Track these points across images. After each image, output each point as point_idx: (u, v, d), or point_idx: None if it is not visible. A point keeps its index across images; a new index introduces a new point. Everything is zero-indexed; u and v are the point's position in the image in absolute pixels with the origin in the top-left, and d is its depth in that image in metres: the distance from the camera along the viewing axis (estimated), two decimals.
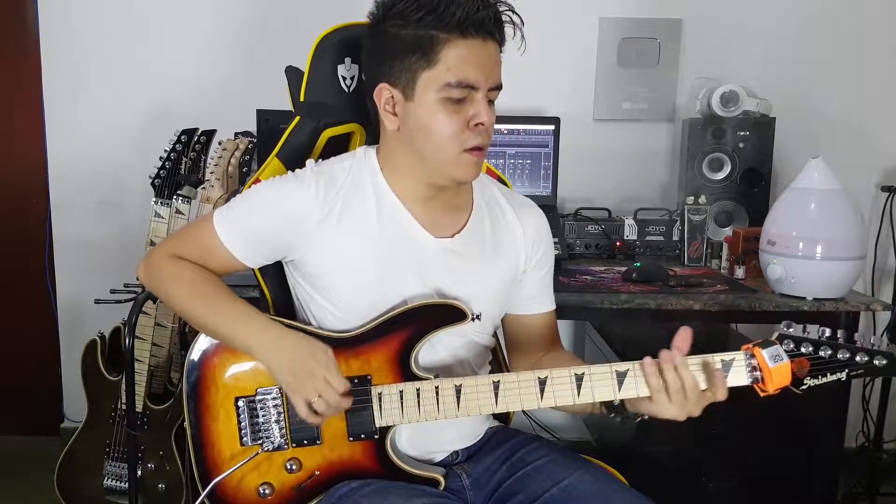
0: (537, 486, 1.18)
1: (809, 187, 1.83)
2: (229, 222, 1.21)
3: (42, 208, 2.60)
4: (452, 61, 1.11)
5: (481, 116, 1.14)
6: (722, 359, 1.09)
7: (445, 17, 1.10)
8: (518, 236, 1.30)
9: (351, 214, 1.19)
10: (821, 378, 1.08)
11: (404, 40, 1.13)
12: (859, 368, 1.08)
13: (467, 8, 1.10)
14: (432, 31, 1.11)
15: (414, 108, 1.15)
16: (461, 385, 1.14)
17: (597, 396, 1.11)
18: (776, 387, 1.08)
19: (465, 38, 1.11)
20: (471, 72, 1.12)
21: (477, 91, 1.13)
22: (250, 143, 2.14)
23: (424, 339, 1.18)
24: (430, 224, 1.22)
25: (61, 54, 2.51)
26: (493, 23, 1.13)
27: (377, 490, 1.13)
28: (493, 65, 1.15)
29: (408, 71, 1.14)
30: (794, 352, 1.08)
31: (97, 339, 2.12)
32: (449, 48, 1.11)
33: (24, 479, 2.44)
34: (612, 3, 2.49)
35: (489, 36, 1.13)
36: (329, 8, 2.36)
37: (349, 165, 1.23)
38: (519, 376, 1.13)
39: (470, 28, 1.10)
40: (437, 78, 1.12)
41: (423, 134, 1.15)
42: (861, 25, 2.49)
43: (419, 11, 1.11)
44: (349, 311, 1.20)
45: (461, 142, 1.14)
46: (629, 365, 1.11)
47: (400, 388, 1.15)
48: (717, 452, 1.97)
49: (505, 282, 1.28)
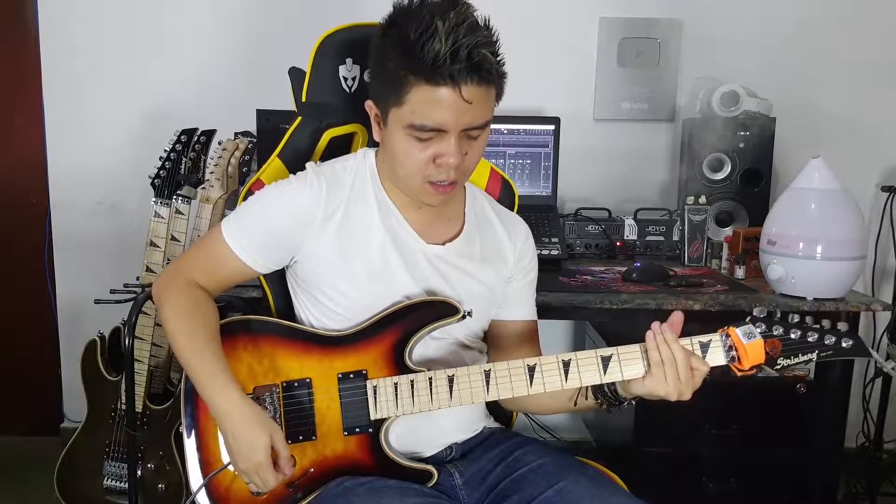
0: (532, 488, 1.18)
1: (809, 187, 1.83)
2: (237, 229, 1.23)
3: (42, 208, 2.60)
4: (417, 105, 1.10)
5: (448, 158, 1.13)
6: (700, 340, 1.15)
7: (416, 60, 1.08)
8: (507, 247, 1.34)
9: (353, 216, 1.22)
10: (793, 358, 1.14)
11: (383, 71, 1.14)
12: (828, 350, 1.13)
13: (439, 55, 1.06)
14: (403, 70, 1.10)
15: (388, 133, 1.18)
16: (454, 375, 1.17)
17: (584, 380, 1.15)
18: (751, 363, 1.13)
19: (432, 85, 1.09)
20: (437, 116, 1.10)
21: (446, 132, 1.12)
22: (250, 143, 2.14)
23: (418, 334, 1.21)
24: (423, 230, 1.26)
25: (61, 54, 2.51)
26: (466, 73, 1.08)
27: (370, 490, 1.14)
28: (464, 110, 1.10)
29: (383, 101, 1.16)
30: (766, 332, 1.14)
31: (97, 339, 2.12)
32: (415, 92, 1.10)
33: (24, 479, 2.44)
34: (612, 3, 2.49)
35: (462, 83, 1.08)
36: (330, 8, 2.38)
37: (352, 166, 1.26)
38: (509, 364, 1.17)
39: (437, 77, 1.08)
40: (402, 117, 1.13)
41: (393, 158, 1.19)
42: (861, 25, 2.49)
43: (394, 48, 1.11)
44: (347, 311, 1.23)
45: (425, 175, 1.16)
46: (612, 350, 1.16)
47: (395, 380, 1.18)
48: (717, 452, 1.97)
49: (493, 288, 1.32)
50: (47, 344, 2.66)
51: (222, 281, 1.26)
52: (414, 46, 1.07)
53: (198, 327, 1.19)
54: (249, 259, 1.22)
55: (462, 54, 1.07)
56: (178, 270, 1.27)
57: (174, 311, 1.21)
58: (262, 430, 1.13)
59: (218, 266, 1.24)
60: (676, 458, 1.97)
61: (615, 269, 2.11)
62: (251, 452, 1.13)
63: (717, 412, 1.93)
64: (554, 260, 2.05)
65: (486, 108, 1.14)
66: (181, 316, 1.20)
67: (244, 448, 1.13)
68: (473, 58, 1.08)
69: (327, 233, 1.21)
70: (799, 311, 1.16)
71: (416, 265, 1.25)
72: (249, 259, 1.22)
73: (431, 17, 1.07)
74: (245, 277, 1.26)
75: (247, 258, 1.22)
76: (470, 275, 1.28)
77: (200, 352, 1.17)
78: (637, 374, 1.14)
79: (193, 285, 1.24)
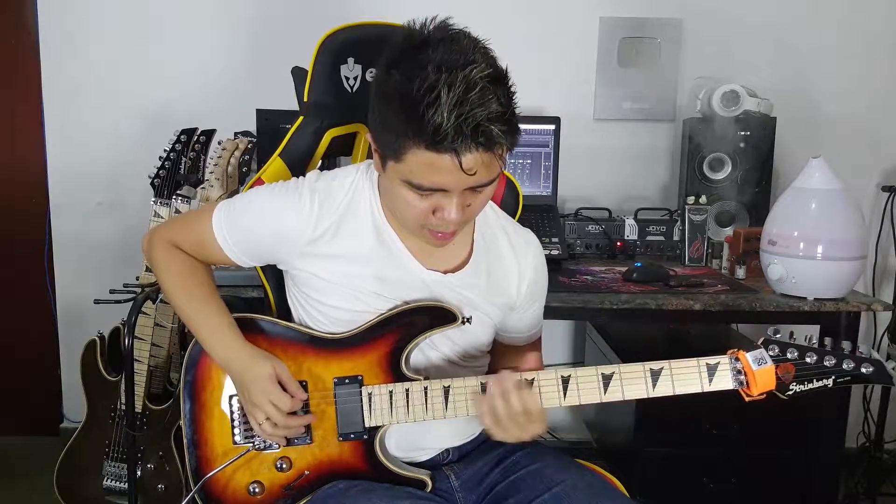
0: (529, 491, 1.17)
1: (810, 187, 1.83)
2: (226, 222, 1.22)
3: (42, 208, 2.60)
4: (416, 167, 1.02)
5: (448, 215, 1.06)
6: (707, 362, 1.10)
7: (416, 124, 0.98)
8: (513, 279, 1.26)
9: (345, 235, 1.18)
10: (806, 384, 1.09)
11: (382, 118, 1.04)
12: (846, 375, 1.08)
13: (440, 128, 0.96)
14: (403, 126, 0.99)
15: (386, 175, 1.10)
16: (449, 386, 1.15)
17: (583, 399, 1.13)
18: (760, 391, 1.09)
19: (432, 152, 0.99)
20: (437, 179, 1.02)
21: (448, 191, 1.05)
22: (250, 143, 2.14)
23: (415, 340, 1.18)
24: (421, 255, 1.20)
25: (61, 54, 2.50)
26: (472, 144, 0.98)
27: (361, 491, 1.13)
28: (460, 175, 1.01)
29: (382, 147, 1.07)
30: (780, 357, 1.09)
31: (97, 339, 2.11)
32: (414, 154, 1.00)
33: (24, 479, 2.43)
34: (612, 3, 2.49)
35: (466, 153, 0.99)
36: (330, 8, 2.38)
37: (350, 183, 1.20)
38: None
39: (438, 146, 0.98)
40: (401, 173, 1.04)
41: (391, 201, 1.14)
42: (861, 25, 2.49)
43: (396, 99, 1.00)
44: (339, 322, 1.21)
45: (423, 224, 1.10)
46: (615, 368, 1.12)
47: (389, 388, 1.17)
48: (717, 452, 1.97)
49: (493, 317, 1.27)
50: (47, 344, 2.66)
51: (205, 259, 1.27)
52: (416, 108, 0.97)
53: (195, 284, 1.23)
54: (233, 255, 1.23)
55: (466, 130, 0.97)
56: (166, 235, 1.28)
57: (168, 271, 1.25)
58: (264, 360, 1.17)
59: (201, 245, 1.25)
60: (676, 458, 1.97)
61: (615, 269, 2.11)
62: (258, 381, 1.15)
63: (717, 412, 1.93)
64: (554, 260, 2.05)
65: (493, 169, 1.05)
66: (175, 274, 1.25)
67: (252, 382, 1.16)
68: (479, 134, 0.98)
69: (316, 251, 1.18)
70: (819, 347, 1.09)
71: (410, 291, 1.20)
72: (233, 255, 1.23)
73: (437, 76, 0.97)
74: (226, 264, 1.27)
75: (230, 254, 1.23)
76: (471, 304, 1.22)
77: (201, 307, 1.22)
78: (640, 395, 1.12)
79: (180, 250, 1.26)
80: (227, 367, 1.20)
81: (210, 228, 1.22)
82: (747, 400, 1.11)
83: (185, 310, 1.23)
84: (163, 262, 1.26)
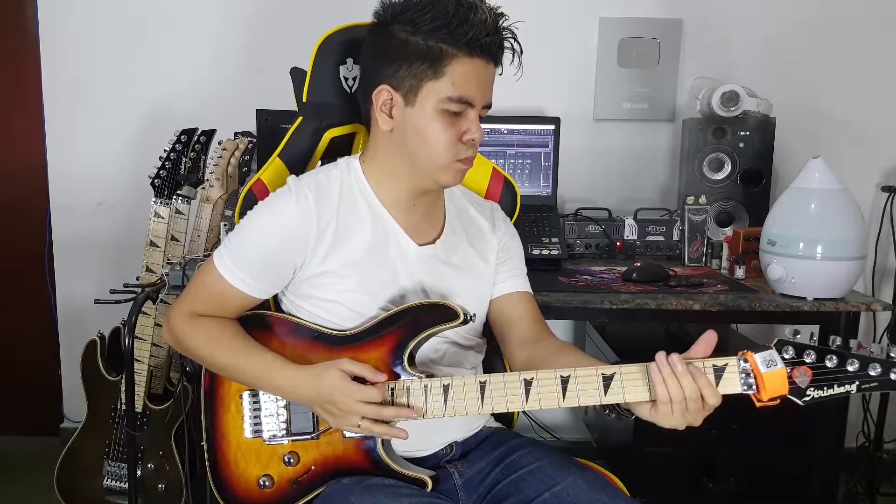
0: (530, 490, 1.18)
1: (810, 187, 1.83)
2: (230, 260, 1.22)
3: (42, 208, 2.60)
4: (458, 77, 1.16)
5: (473, 133, 1.19)
6: (714, 364, 1.04)
7: (458, 34, 1.13)
8: (487, 230, 1.36)
9: (346, 228, 1.22)
10: (826, 390, 0.98)
11: (412, 47, 1.16)
12: (872, 381, 0.97)
13: (478, 30, 1.14)
14: (442, 44, 1.14)
15: (412, 114, 1.18)
16: (449, 384, 1.15)
17: (582, 401, 1.09)
18: (770, 395, 1.00)
19: (471, 58, 1.15)
20: (472, 89, 1.17)
21: (473, 108, 1.19)
22: (250, 143, 2.14)
23: (417, 338, 1.19)
24: (413, 231, 1.27)
25: (61, 54, 2.51)
26: (497, 47, 1.18)
27: (367, 488, 1.14)
28: (489, 85, 1.21)
29: (412, 77, 1.17)
30: (795, 359, 0.99)
31: (97, 339, 2.12)
32: (456, 64, 1.15)
33: (24, 479, 2.44)
34: (612, 3, 2.49)
35: (492, 59, 1.18)
36: (330, 8, 2.38)
37: (336, 176, 1.25)
38: (505, 377, 1.13)
39: (477, 49, 1.15)
40: (440, 90, 1.16)
41: (418, 140, 1.19)
42: (861, 25, 2.49)
43: (433, 22, 1.14)
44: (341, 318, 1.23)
45: (454, 153, 1.20)
46: (615, 368, 1.07)
47: (391, 385, 1.17)
48: (718, 453, 1.97)
49: (485, 275, 1.33)
50: (47, 344, 2.66)
51: (227, 312, 1.25)
52: (456, 17, 1.13)
53: (228, 340, 1.21)
54: (251, 289, 1.22)
55: (501, 24, 1.17)
56: (184, 310, 1.26)
57: (196, 338, 1.23)
58: (325, 367, 1.14)
59: (217, 297, 1.23)
60: (676, 458, 1.97)
61: (615, 269, 2.11)
62: (335, 389, 1.12)
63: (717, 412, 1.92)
64: (554, 260, 2.05)
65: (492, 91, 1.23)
66: (207, 340, 1.22)
67: (330, 394, 1.12)
68: (503, 35, 1.18)
69: (322, 250, 1.20)
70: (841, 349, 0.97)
71: (412, 270, 1.25)
72: (251, 289, 1.22)
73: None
74: (252, 305, 1.26)
75: (248, 289, 1.22)
76: (462, 268, 1.30)
77: (245, 358, 1.19)
78: (640, 398, 1.06)
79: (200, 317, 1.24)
80: (296, 394, 1.17)
81: (218, 276, 1.21)
82: (759, 406, 1.03)
83: (230, 366, 1.21)
84: (189, 333, 1.23)
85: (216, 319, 1.24)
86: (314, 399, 1.15)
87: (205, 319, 1.24)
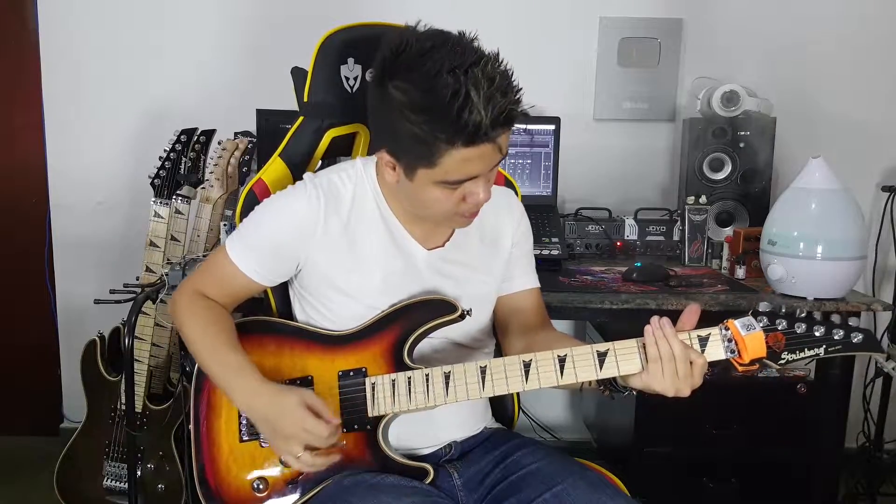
0: (530, 491, 1.18)
1: (810, 187, 1.83)
2: (241, 246, 1.24)
3: (42, 208, 2.60)
4: (452, 166, 1.08)
5: (478, 197, 1.14)
6: (699, 334, 1.12)
7: (452, 129, 1.03)
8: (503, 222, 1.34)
9: (355, 229, 1.23)
10: (798, 353, 1.09)
11: (407, 130, 1.06)
12: (836, 344, 1.08)
13: (481, 125, 1.02)
14: (436, 137, 1.04)
15: (411, 185, 1.14)
16: (450, 371, 1.17)
17: (579, 377, 1.14)
18: (752, 356, 1.09)
19: (470, 147, 1.06)
20: (472, 170, 1.10)
21: (476, 178, 1.12)
22: (250, 143, 2.14)
23: (417, 332, 1.21)
24: (421, 237, 1.27)
25: (61, 54, 2.50)
26: (500, 129, 1.06)
27: (368, 488, 1.14)
28: (496, 155, 1.10)
29: (407, 159, 1.12)
30: (769, 326, 1.09)
31: (97, 339, 2.12)
32: (451, 156, 1.06)
33: (24, 479, 2.44)
34: (612, 3, 2.49)
35: (498, 138, 1.07)
36: (330, 8, 2.38)
37: (351, 177, 1.25)
38: (505, 361, 1.16)
39: (477, 140, 1.05)
40: (434, 176, 1.10)
41: (416, 204, 1.19)
42: (861, 25, 2.49)
43: (423, 114, 1.04)
44: (347, 320, 1.24)
45: (455, 213, 1.17)
46: (608, 345, 1.13)
47: (392, 377, 1.19)
48: (718, 453, 1.97)
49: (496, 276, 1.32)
50: (47, 344, 2.66)
51: (233, 297, 1.28)
52: (447, 113, 1.01)
53: (214, 332, 1.21)
54: (255, 275, 1.24)
55: (500, 119, 1.04)
56: (191, 287, 1.28)
57: (191, 324, 1.24)
58: (288, 392, 1.14)
59: (227, 284, 1.26)
60: (676, 458, 1.97)
61: (615, 269, 2.11)
62: (288, 412, 1.11)
63: (717, 412, 1.93)
64: (554, 260, 2.05)
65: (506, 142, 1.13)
66: (198, 326, 1.23)
67: (281, 414, 1.12)
68: (511, 119, 1.07)
69: (328, 246, 1.22)
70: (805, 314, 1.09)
71: (419, 273, 1.25)
72: (255, 275, 1.24)
73: (456, 80, 1.01)
74: (255, 292, 1.28)
75: (253, 274, 1.24)
76: (473, 268, 1.29)
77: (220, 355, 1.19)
78: (634, 370, 1.12)
79: (207, 299, 1.26)
80: (249, 403, 1.16)
81: (228, 261, 1.24)
82: (741, 370, 1.11)
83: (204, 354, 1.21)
84: (186, 311, 1.25)
85: (214, 310, 1.25)
86: (266, 414, 1.13)
87: (203, 305, 1.25)
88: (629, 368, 1.12)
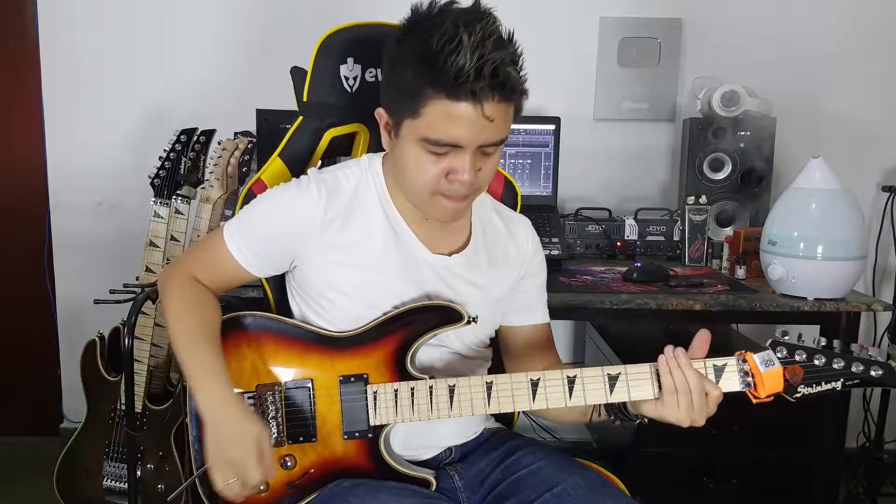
0: (530, 491, 1.17)
1: (810, 187, 1.83)
2: (237, 233, 1.22)
3: (41, 208, 2.59)
4: (434, 119, 1.05)
5: (462, 175, 1.09)
6: (714, 363, 1.10)
7: (437, 73, 1.02)
8: (512, 253, 1.31)
9: (353, 226, 1.20)
10: (815, 387, 1.08)
11: (399, 80, 1.08)
12: (854, 378, 1.07)
13: (463, 70, 1.01)
14: (421, 81, 1.04)
15: (398, 144, 1.14)
16: (455, 385, 1.15)
17: (588, 399, 1.12)
18: (768, 392, 1.08)
19: (452, 100, 1.04)
20: (454, 132, 1.06)
21: (462, 148, 1.08)
22: (250, 143, 2.14)
23: (421, 339, 1.19)
24: (427, 240, 1.23)
25: (61, 54, 2.50)
26: (490, 89, 1.03)
27: (368, 489, 1.13)
28: (482, 127, 1.06)
29: (396, 111, 1.11)
30: (788, 359, 1.08)
31: (96, 339, 2.11)
32: (433, 105, 1.05)
33: (24, 479, 2.43)
34: (612, 3, 2.49)
35: (485, 100, 1.04)
36: (330, 8, 2.38)
37: (355, 174, 1.24)
38: (512, 377, 1.14)
39: (459, 92, 1.02)
40: (417, 129, 1.08)
41: (401, 170, 1.16)
42: (861, 25, 2.49)
43: (414, 58, 1.05)
44: (344, 321, 1.21)
45: (436, 189, 1.12)
46: (620, 368, 1.11)
47: (395, 386, 1.16)
48: (718, 453, 1.97)
49: (498, 296, 1.29)
50: (47, 344, 2.66)
51: (223, 282, 1.26)
52: (436, 58, 1.02)
53: (195, 324, 1.18)
54: (247, 264, 1.22)
55: (486, 71, 1.02)
56: (182, 267, 1.26)
57: (176, 307, 1.21)
58: (253, 423, 1.11)
59: (218, 268, 1.24)
60: (676, 458, 1.97)
61: (615, 269, 2.11)
62: (245, 440, 1.09)
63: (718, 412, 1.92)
64: (554, 260, 2.05)
65: (505, 126, 1.10)
66: (182, 312, 1.20)
67: (232, 440, 1.10)
68: (498, 75, 1.03)
69: (325, 243, 1.19)
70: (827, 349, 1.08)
71: (420, 275, 1.22)
72: (247, 264, 1.22)
73: (456, 28, 1.02)
74: (245, 280, 1.26)
75: (245, 263, 1.22)
76: (475, 285, 1.26)
77: (196, 349, 1.16)
78: (646, 396, 1.09)
79: (196, 282, 1.24)
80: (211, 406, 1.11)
81: (223, 244, 1.22)
82: (755, 402, 1.10)
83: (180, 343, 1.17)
84: (173, 294, 1.22)
85: (203, 298, 1.22)
86: (222, 429, 1.10)
87: (190, 291, 1.22)
88: (641, 394, 1.10)
